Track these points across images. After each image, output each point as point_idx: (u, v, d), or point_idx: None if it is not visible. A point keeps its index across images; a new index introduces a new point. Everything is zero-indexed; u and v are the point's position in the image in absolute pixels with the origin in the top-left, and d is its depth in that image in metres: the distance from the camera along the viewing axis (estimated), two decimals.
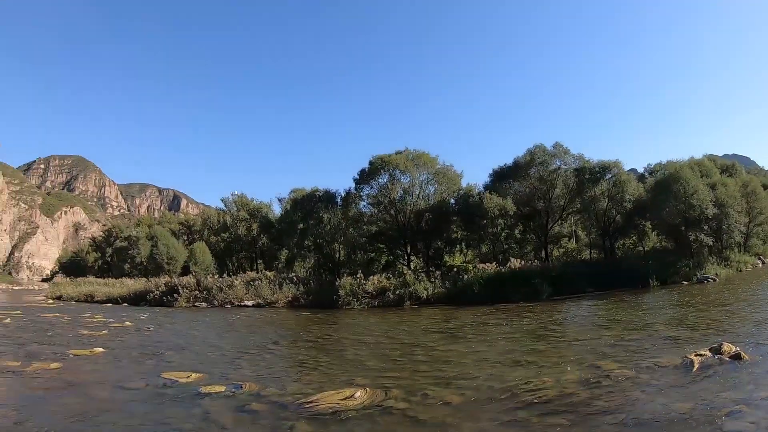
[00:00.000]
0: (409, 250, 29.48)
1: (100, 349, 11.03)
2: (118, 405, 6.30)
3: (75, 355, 10.39)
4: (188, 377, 7.62)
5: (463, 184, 30.66)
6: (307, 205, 31.53)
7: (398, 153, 29.86)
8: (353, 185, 30.81)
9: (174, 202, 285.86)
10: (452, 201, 29.61)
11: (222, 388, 6.77)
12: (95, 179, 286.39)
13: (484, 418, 4.96)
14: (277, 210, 45.01)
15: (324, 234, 30.43)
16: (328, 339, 12.03)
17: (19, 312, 23.08)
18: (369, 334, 12.47)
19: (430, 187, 29.96)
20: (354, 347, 10.13)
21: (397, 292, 21.08)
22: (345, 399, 5.76)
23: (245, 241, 45.03)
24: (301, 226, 31.27)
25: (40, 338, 13.61)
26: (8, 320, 18.37)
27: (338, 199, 31.40)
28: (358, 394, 5.92)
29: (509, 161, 29.45)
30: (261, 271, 34.51)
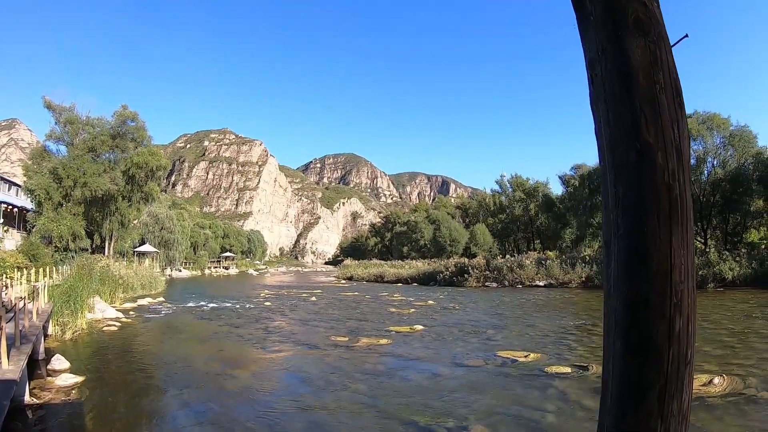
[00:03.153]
0: (704, 226, 28.23)
1: (420, 327, 11.34)
2: (466, 382, 6.29)
3: (397, 332, 10.61)
4: (526, 356, 7.66)
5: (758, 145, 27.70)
6: (596, 180, 31.04)
7: (687, 117, 28.64)
8: None
9: (443, 186, 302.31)
10: (747, 166, 27.16)
11: (567, 369, 6.67)
12: (367, 172, 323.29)
13: None
14: (554, 189, 46.35)
15: None
16: None
17: (319, 291, 26.81)
18: None
19: (723, 152, 28.01)
20: None
21: (700, 272, 20.81)
22: (704, 385, 5.52)
23: (522, 221, 48.26)
24: (588, 202, 31.17)
25: (351, 315, 14.62)
26: (313, 298, 21.24)
27: None
28: (716, 380, 5.68)
29: None
30: (540, 251, 36.66)
